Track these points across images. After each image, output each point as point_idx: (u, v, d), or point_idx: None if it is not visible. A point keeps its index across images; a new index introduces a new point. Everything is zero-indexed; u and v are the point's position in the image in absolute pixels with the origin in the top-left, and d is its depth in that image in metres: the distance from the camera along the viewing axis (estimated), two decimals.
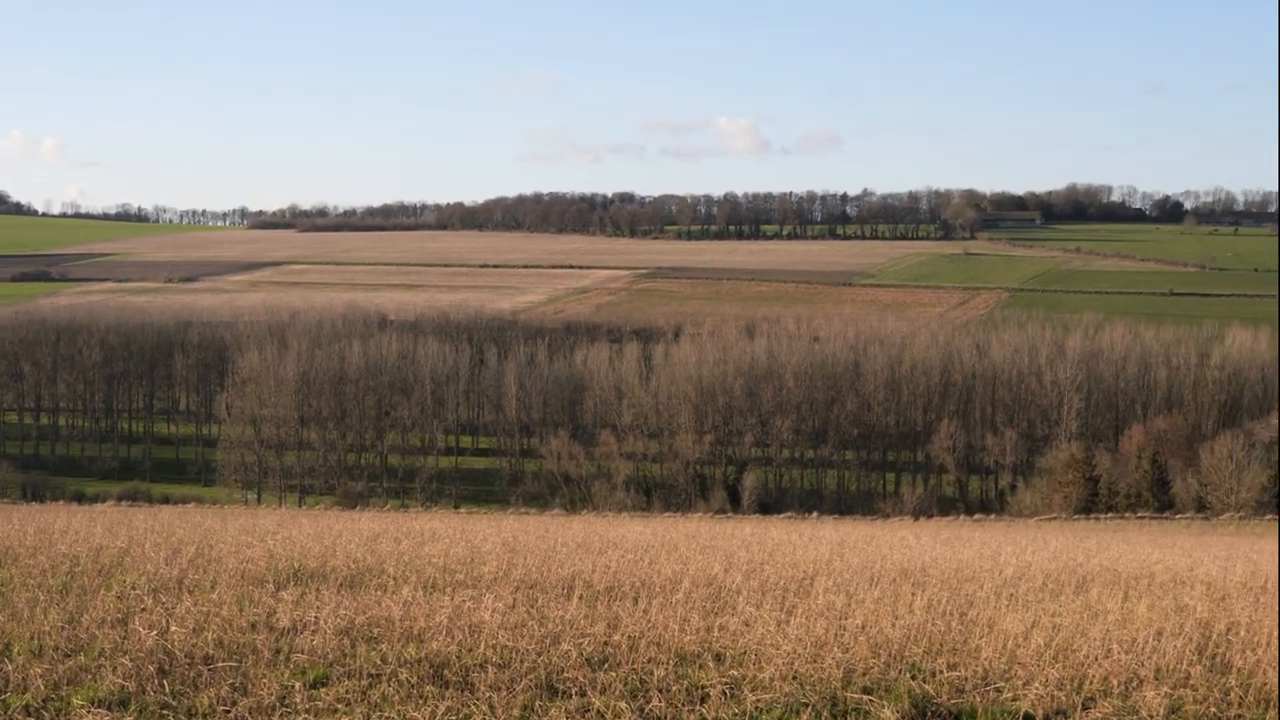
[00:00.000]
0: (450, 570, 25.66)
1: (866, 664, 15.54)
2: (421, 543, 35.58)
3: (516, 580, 23.75)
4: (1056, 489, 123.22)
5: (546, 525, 58.87)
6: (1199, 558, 38.87)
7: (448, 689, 14.46)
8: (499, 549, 32.88)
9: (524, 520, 69.96)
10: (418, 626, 17.32)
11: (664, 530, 54.27)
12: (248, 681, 14.74)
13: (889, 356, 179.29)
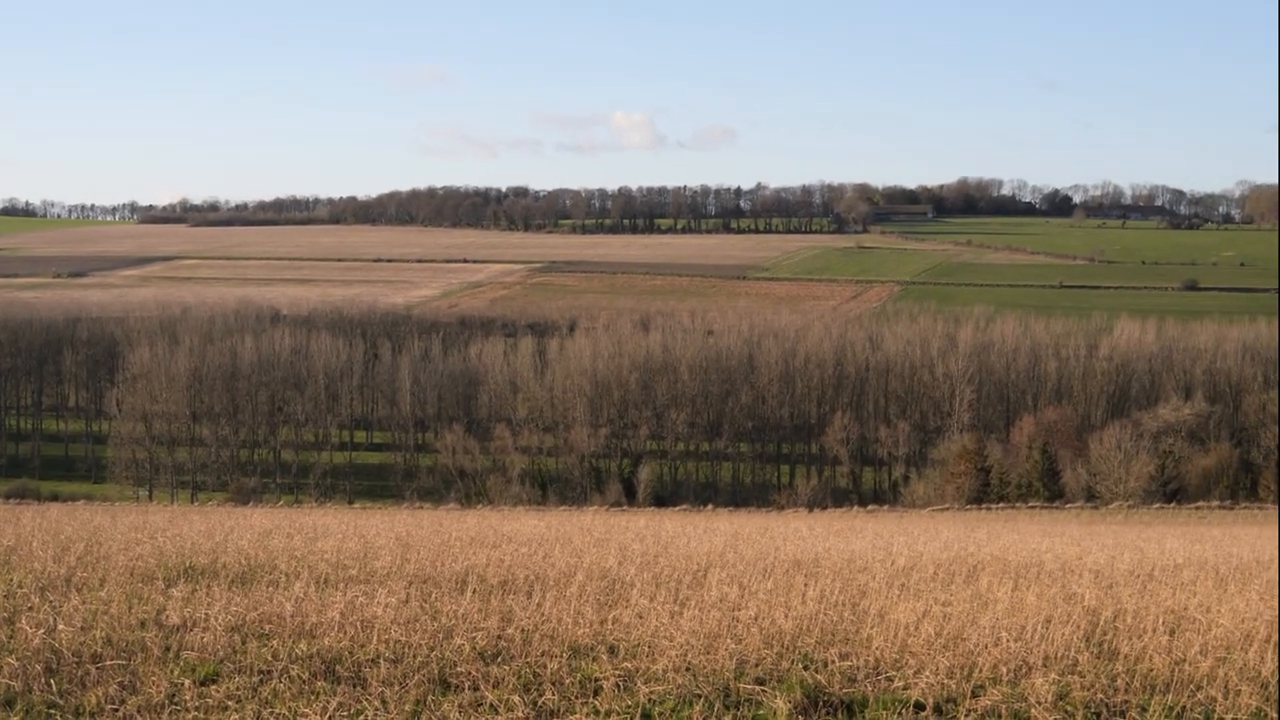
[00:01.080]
0: (343, 566, 25.51)
1: (759, 655, 15.59)
2: (314, 538, 35.34)
3: (410, 575, 23.65)
4: (949, 480, 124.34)
5: (441, 520, 58.66)
6: (1088, 546, 39.33)
7: (339, 685, 14.38)
8: (392, 544, 32.73)
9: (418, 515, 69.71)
10: (309, 622, 17.20)
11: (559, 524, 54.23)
12: (136, 680, 14.58)
13: (783, 349, 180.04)
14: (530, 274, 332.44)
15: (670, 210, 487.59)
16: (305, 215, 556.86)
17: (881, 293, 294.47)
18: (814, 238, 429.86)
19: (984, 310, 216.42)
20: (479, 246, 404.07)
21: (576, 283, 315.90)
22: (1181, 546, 40.27)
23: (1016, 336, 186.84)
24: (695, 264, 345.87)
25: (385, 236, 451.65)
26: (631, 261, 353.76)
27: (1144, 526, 71.58)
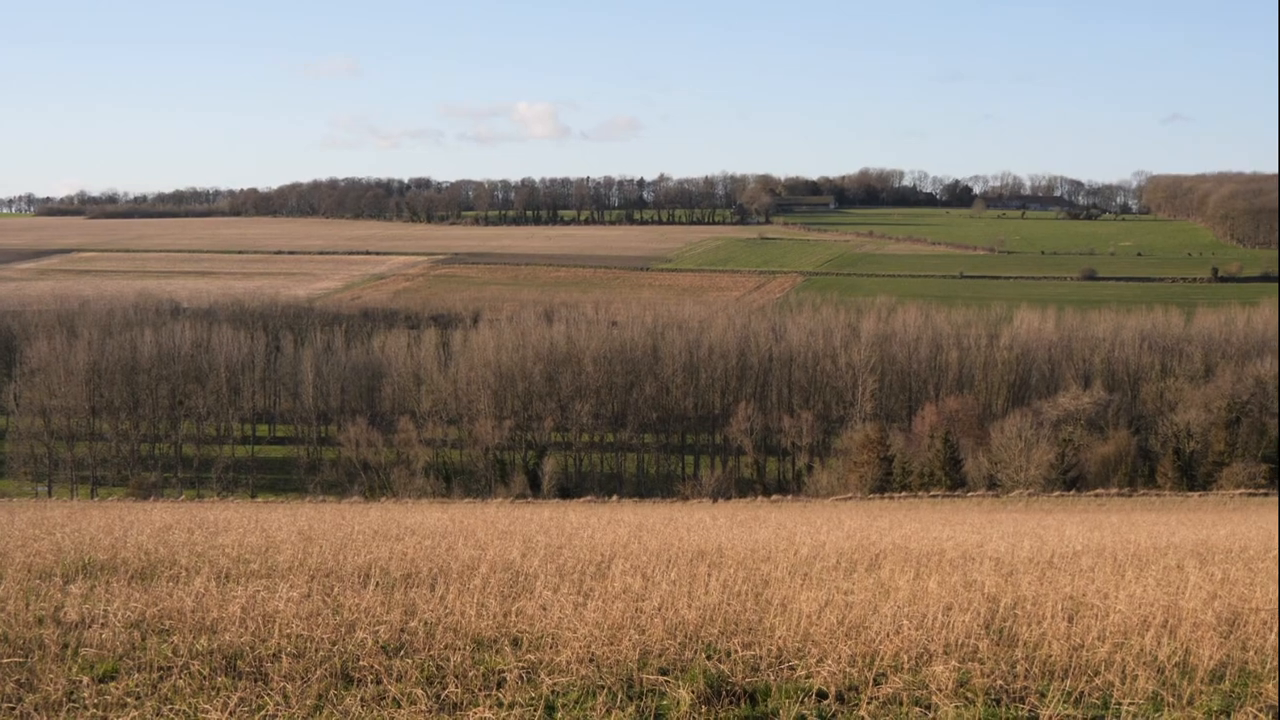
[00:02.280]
0: (244, 560, 25.35)
1: (663, 645, 15.61)
2: (215, 533, 35.09)
3: (312, 569, 23.54)
4: (852, 469, 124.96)
5: (344, 513, 58.40)
6: (988, 534, 39.67)
7: (240, 680, 14.29)
8: (295, 538, 32.55)
9: (321, 509, 69.32)
10: (210, 618, 17.08)
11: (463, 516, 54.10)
12: (34, 677, 14.43)
13: (687, 341, 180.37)
14: (433, 266, 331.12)
15: (574, 202, 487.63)
16: (206, 207, 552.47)
17: (784, 283, 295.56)
18: (717, 229, 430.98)
19: (886, 300, 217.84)
20: (381, 238, 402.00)
21: (480, 274, 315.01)
22: (1080, 534, 40.67)
23: (918, 326, 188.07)
24: (599, 255, 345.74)
25: (287, 228, 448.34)
26: (535, 253, 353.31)
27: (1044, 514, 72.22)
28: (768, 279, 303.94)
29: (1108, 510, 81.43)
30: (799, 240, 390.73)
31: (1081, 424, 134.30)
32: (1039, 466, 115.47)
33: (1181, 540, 36.26)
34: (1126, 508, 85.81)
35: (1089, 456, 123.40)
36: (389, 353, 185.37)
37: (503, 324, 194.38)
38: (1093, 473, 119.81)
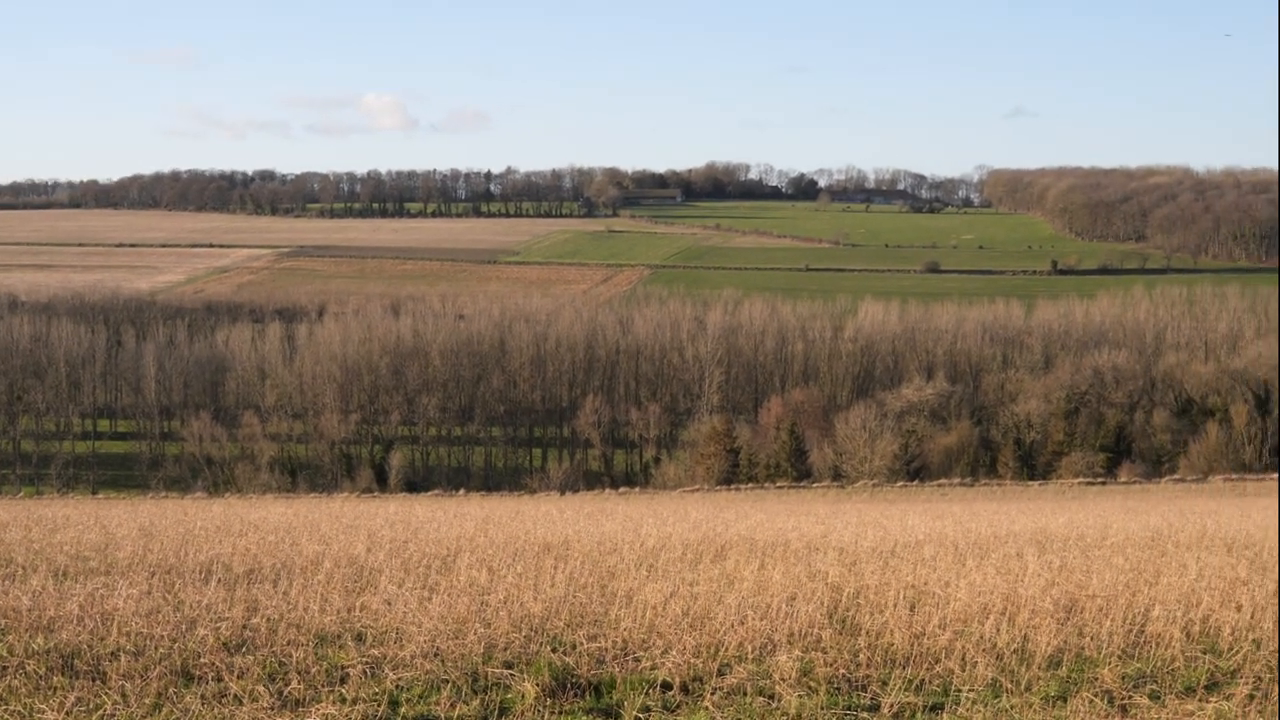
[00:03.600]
0: (83, 557, 24.97)
1: (508, 638, 15.59)
2: (54, 529, 34.52)
3: (152, 566, 23.21)
4: (699, 461, 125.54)
5: (186, 509, 57.70)
6: (833, 525, 40.01)
7: (78, 679, 14.04)
8: (135, 534, 32.12)
9: (163, 505, 68.45)
10: (47, 616, 16.75)
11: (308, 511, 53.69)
12: None
13: (534, 334, 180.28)
14: (278, 259, 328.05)
15: (420, 194, 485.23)
16: (44, 199, 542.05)
17: (631, 276, 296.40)
18: (564, 221, 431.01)
19: (732, 293, 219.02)
20: (225, 231, 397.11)
21: (325, 267, 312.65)
22: (923, 523, 41.15)
23: (764, 319, 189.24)
24: (446, 248, 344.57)
25: (128, 221, 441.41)
26: (381, 246, 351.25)
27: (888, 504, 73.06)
28: (615, 272, 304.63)
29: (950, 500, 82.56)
30: (646, 233, 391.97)
31: (924, 415, 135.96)
32: (883, 457, 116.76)
33: (1021, 529, 36.83)
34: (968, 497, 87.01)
35: (932, 447, 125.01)
36: (233, 347, 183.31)
37: (349, 317, 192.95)
38: (935, 463, 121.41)
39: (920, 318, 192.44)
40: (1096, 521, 41.28)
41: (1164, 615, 16.57)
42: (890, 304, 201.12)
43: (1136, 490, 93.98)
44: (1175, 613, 16.74)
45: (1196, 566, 21.32)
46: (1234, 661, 15.02)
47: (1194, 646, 15.59)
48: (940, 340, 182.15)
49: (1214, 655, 15.26)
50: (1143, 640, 15.90)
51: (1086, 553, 25.64)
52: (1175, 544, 28.53)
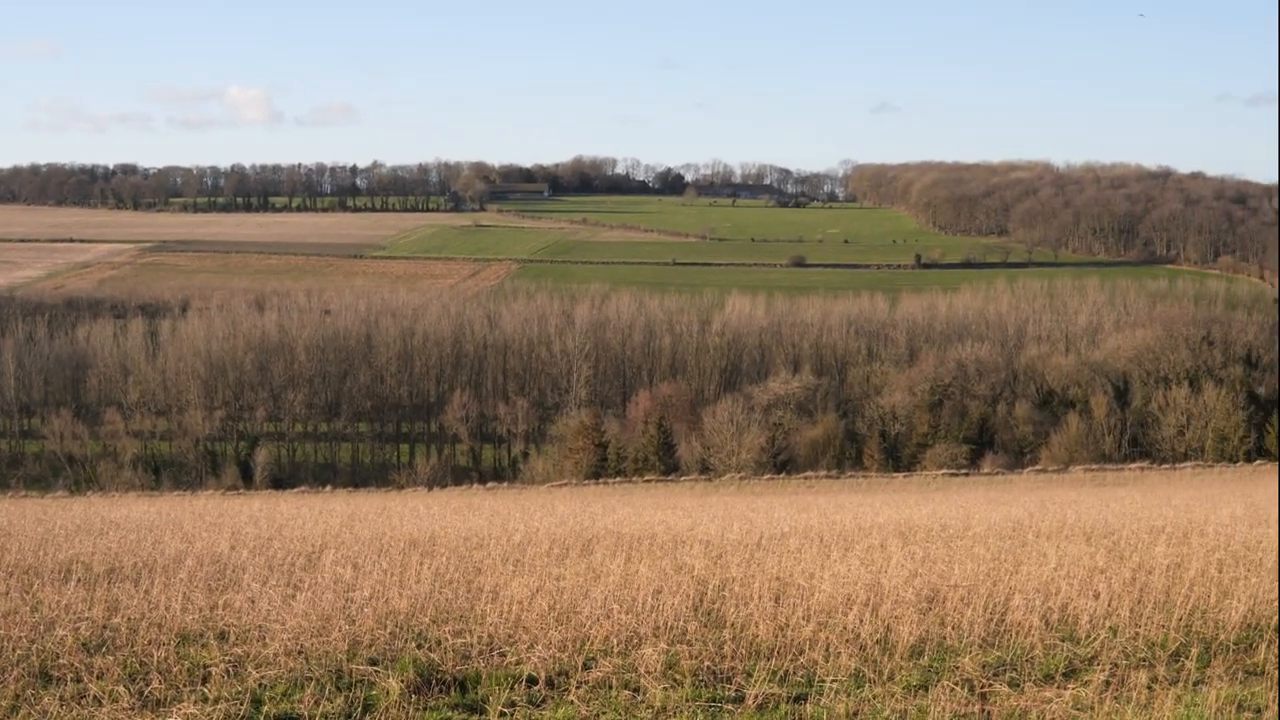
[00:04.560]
0: None
1: (373, 635, 15.52)
2: None
3: (9, 566, 22.87)
4: (567, 455, 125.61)
5: (46, 508, 56.84)
6: (699, 518, 40.18)
7: None
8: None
9: (22, 504, 67.34)
10: None
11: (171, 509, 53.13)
12: None
13: (401, 329, 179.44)
14: (140, 254, 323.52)
15: (285, 188, 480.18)
16: None
17: (499, 271, 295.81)
18: (431, 216, 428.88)
19: (600, 288, 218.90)
20: (86, 226, 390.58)
21: (189, 262, 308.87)
22: (788, 515, 41.44)
23: (632, 313, 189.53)
24: (311, 243, 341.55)
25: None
26: (246, 240, 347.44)
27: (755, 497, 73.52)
28: (482, 266, 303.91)
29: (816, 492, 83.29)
30: (513, 228, 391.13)
31: (791, 408, 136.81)
32: (750, 450, 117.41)
33: (885, 520, 37.18)
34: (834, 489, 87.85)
35: (798, 440, 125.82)
36: (94, 343, 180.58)
37: (213, 313, 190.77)
38: (802, 456, 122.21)
39: (786, 311, 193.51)
40: (959, 512, 41.80)
41: (1024, 604, 16.81)
42: (757, 298, 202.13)
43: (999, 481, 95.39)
44: (1035, 601, 16.99)
45: (1056, 556, 21.62)
46: (1091, 649, 15.27)
47: (1053, 634, 15.82)
48: (806, 334, 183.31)
49: (1072, 643, 15.50)
50: (1003, 629, 16.12)
51: (949, 543, 25.93)
52: (1036, 534, 28.95)
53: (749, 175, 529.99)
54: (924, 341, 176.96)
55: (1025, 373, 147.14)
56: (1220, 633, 16.00)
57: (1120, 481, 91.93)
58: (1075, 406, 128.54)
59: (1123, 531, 28.50)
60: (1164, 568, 19.90)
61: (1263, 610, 16.89)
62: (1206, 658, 15.03)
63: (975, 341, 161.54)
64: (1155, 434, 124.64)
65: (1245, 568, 20.03)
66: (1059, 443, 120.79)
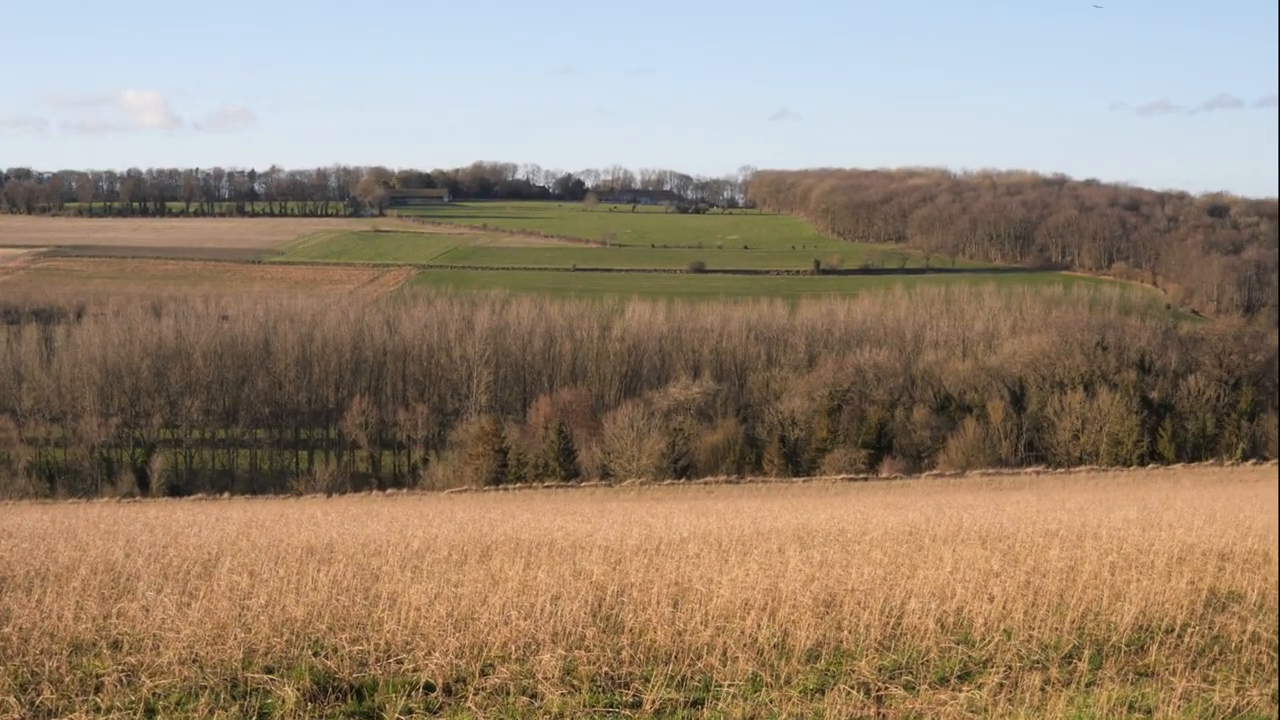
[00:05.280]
0: None
1: (269, 643, 15.40)
2: None
3: None
4: (467, 461, 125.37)
5: None
6: (599, 524, 40.17)
7: None
8: None
9: None
10: None
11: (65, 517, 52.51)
12: None
13: (300, 334, 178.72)
14: (34, 259, 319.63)
15: (183, 193, 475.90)
16: None
17: (399, 276, 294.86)
18: (330, 221, 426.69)
19: (500, 293, 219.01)
20: None
21: (84, 268, 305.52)
22: (688, 521, 41.51)
23: (532, 319, 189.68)
24: (209, 248, 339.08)
25: None
26: (142, 245, 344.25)
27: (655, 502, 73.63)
28: (382, 272, 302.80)
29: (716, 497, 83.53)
30: (413, 233, 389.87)
31: (691, 413, 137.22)
32: (650, 456, 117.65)
33: (784, 525, 37.32)
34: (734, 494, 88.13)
35: (699, 445, 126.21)
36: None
37: (109, 318, 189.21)
38: (702, 461, 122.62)
39: (687, 317, 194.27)
40: (857, 517, 42.04)
41: (919, 608, 16.91)
42: (657, 304, 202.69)
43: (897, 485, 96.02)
44: (930, 605, 17.10)
45: (952, 560, 21.78)
46: (986, 651, 15.40)
47: (948, 637, 15.93)
48: (706, 339, 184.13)
49: (967, 645, 15.63)
50: (899, 632, 16.22)
51: (847, 548, 26.06)
52: (932, 538, 29.14)
53: (649, 181, 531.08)
54: (823, 347, 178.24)
55: (923, 378, 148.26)
56: (1112, 634, 16.16)
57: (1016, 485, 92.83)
58: (972, 411, 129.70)
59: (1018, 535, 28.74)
60: (1058, 571, 20.09)
61: (1154, 612, 17.10)
62: (1099, 659, 15.18)
63: (874, 347, 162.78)
64: (1050, 438, 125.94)
65: (1137, 570, 20.26)
66: (956, 447, 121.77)
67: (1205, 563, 21.59)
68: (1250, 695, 13.52)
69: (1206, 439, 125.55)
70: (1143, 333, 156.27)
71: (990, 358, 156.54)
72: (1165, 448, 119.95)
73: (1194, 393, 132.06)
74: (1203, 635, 16.04)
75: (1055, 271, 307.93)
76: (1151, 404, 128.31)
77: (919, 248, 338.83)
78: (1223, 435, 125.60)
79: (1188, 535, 27.28)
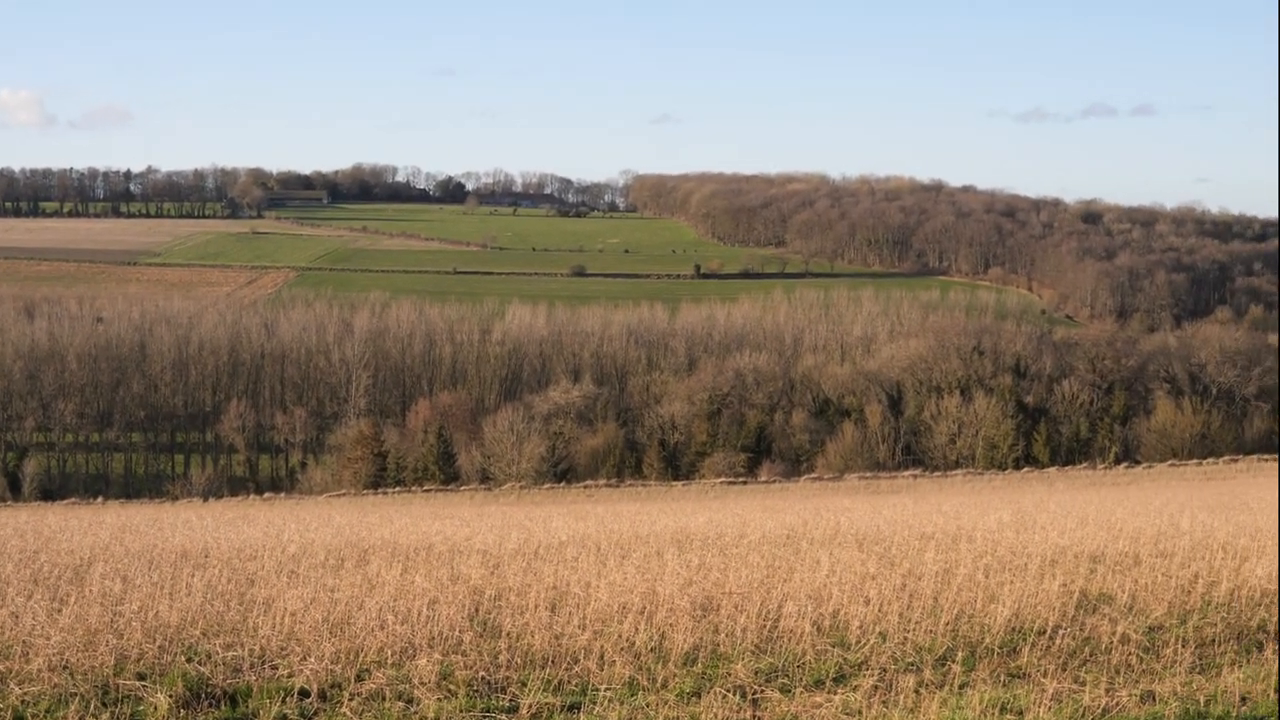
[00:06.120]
0: None
1: (141, 649, 15.25)
2: None
3: None
4: (346, 465, 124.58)
5: None
6: (478, 527, 40.08)
7: None
8: None
9: None
10: None
11: None
12: None
13: (176, 337, 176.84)
14: None
15: (57, 193, 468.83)
16: None
17: (277, 278, 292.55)
18: (208, 222, 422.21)
19: (380, 296, 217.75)
20: None
21: None
22: (566, 525, 41.51)
23: (412, 322, 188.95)
24: (83, 249, 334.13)
25: None
26: (14, 246, 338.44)
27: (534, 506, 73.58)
28: (260, 274, 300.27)
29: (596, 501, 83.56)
30: (292, 235, 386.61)
31: (571, 417, 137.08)
32: (530, 460, 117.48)
33: (663, 529, 37.40)
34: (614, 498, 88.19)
35: (579, 449, 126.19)
36: None
37: None
38: (582, 465, 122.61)
39: (567, 321, 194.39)
40: (735, 520, 42.19)
41: (796, 611, 17.01)
42: (538, 307, 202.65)
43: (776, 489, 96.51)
44: (807, 608, 17.21)
45: (829, 563, 21.93)
46: (861, 654, 15.52)
47: (824, 640, 16.05)
48: (587, 343, 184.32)
49: (842, 648, 15.75)
50: (775, 635, 16.31)
51: (725, 551, 26.18)
52: (809, 541, 29.31)
53: (530, 184, 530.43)
54: (703, 351, 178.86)
55: (802, 382, 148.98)
56: (986, 636, 16.36)
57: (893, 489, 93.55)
58: (850, 415, 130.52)
59: (894, 538, 29.00)
60: (933, 573, 20.30)
61: (1027, 614, 17.32)
62: (972, 661, 15.35)
63: (753, 351, 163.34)
64: (928, 442, 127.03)
65: (1011, 573, 20.50)
66: (834, 451, 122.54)
67: (1077, 565, 21.92)
68: (1119, 696, 13.73)
69: (1080, 443, 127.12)
70: (1018, 338, 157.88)
71: (868, 362, 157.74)
72: (1040, 451, 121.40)
73: (1068, 397, 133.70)
74: (1074, 637, 16.27)
75: (932, 277, 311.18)
76: (1026, 408, 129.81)
77: (798, 252, 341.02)
78: (1096, 439, 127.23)
79: (1060, 538, 27.68)
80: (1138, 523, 33.35)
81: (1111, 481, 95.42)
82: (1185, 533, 28.61)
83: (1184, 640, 16.03)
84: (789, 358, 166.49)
